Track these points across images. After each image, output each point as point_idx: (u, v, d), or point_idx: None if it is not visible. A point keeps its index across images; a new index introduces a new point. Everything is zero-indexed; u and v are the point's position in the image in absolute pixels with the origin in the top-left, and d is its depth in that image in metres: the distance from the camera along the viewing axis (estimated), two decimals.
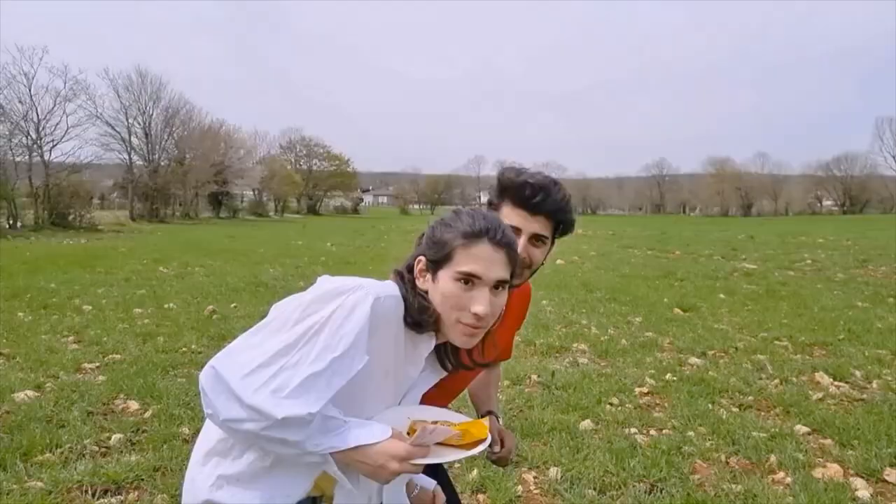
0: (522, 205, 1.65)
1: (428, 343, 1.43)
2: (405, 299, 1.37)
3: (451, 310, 1.37)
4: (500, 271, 1.38)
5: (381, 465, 1.24)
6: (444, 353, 1.50)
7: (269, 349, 1.22)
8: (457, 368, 1.54)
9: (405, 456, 1.25)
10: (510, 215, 1.65)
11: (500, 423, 1.93)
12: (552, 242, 1.73)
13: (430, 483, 1.71)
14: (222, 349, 1.26)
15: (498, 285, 1.39)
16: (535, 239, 1.67)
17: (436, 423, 1.36)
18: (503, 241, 1.39)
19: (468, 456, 1.34)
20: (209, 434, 1.38)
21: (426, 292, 1.39)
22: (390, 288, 1.36)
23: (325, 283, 1.35)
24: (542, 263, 1.75)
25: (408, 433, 1.33)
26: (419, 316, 1.37)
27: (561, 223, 1.70)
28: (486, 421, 1.44)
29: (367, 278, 1.37)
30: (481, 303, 1.35)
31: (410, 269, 1.45)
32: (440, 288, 1.37)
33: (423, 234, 1.50)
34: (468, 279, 1.35)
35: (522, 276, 1.71)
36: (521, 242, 1.63)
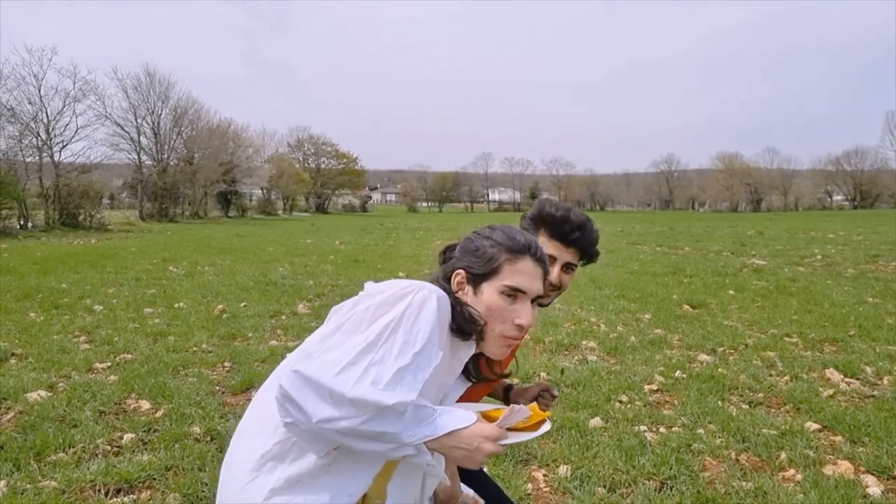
0: (560, 237, 1.86)
1: (468, 350, 1.46)
2: (452, 306, 1.39)
3: (494, 322, 1.42)
4: (540, 286, 1.47)
5: (476, 447, 1.26)
6: (468, 365, 1.53)
7: (351, 348, 1.23)
8: (477, 380, 1.58)
9: (497, 436, 1.28)
10: (546, 244, 1.84)
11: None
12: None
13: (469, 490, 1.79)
14: (294, 356, 1.26)
15: (534, 299, 1.46)
16: (567, 267, 1.89)
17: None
18: (542, 257, 1.48)
19: (538, 435, 1.38)
20: (260, 439, 1.35)
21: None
22: (443, 291, 1.39)
23: (383, 286, 1.36)
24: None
25: None
26: (467, 325, 1.40)
27: (589, 255, 1.93)
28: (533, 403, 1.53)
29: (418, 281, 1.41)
30: (526, 315, 1.42)
31: (447, 279, 1.48)
32: (485, 300, 1.42)
33: (449, 247, 1.53)
34: (513, 293, 1.42)
35: (550, 297, 1.88)
36: (556, 270, 1.85)
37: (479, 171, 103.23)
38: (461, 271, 1.46)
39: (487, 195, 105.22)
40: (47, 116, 32.40)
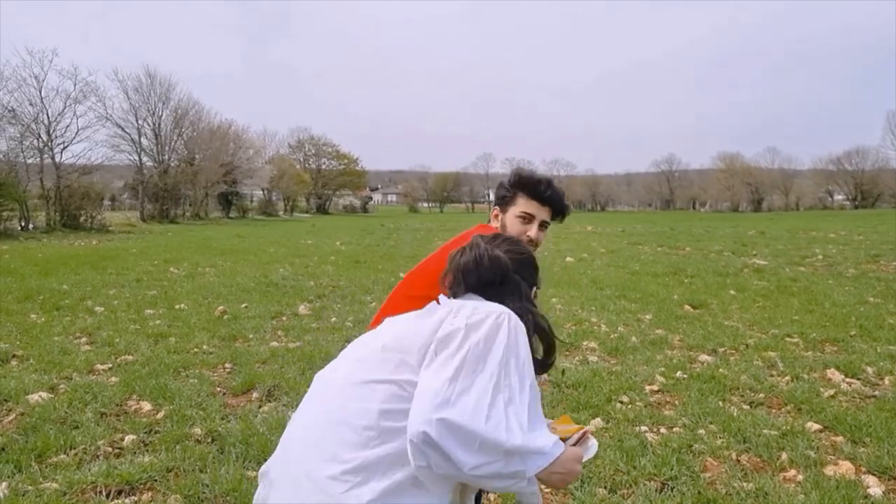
0: (536, 197, 2.15)
1: None
2: (548, 334, 1.58)
3: None
4: None
5: (570, 469, 1.32)
6: None
7: (483, 390, 1.26)
8: None
9: (581, 457, 1.36)
10: (526, 205, 2.15)
11: None
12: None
13: None
14: (423, 400, 1.24)
15: None
16: (543, 224, 2.18)
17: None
18: None
19: (594, 455, 1.46)
20: (348, 450, 1.31)
21: None
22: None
23: (473, 314, 1.40)
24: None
25: None
26: (547, 363, 1.59)
27: (560, 211, 2.22)
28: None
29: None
30: None
31: (529, 299, 1.62)
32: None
33: (499, 260, 1.60)
34: None
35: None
36: (534, 227, 2.15)
37: (480, 171, 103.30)
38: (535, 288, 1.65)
39: (488, 195, 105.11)
40: (48, 118, 32.39)
